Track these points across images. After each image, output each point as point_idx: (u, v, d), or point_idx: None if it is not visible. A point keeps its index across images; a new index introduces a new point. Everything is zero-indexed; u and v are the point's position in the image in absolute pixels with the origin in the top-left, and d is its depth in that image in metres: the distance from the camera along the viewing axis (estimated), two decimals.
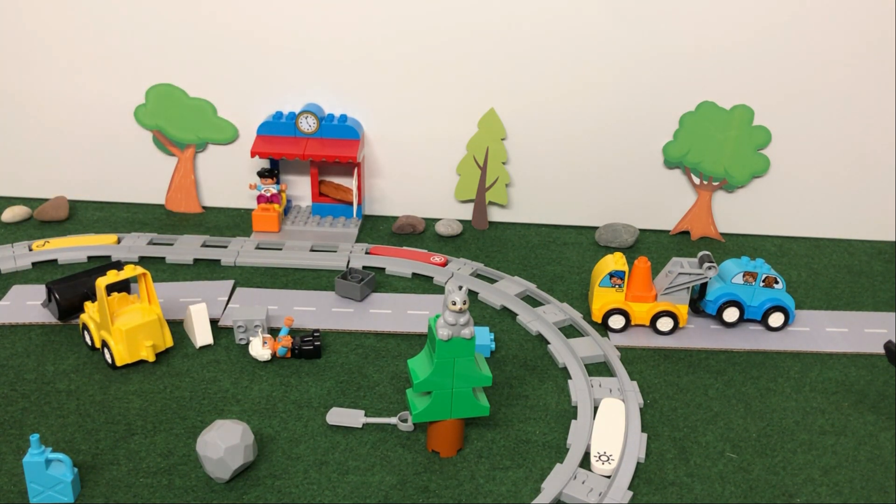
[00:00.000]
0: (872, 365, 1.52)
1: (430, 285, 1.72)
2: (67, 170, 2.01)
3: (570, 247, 1.92)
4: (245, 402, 1.35)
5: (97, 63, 1.90)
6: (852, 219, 2.00)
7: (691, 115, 1.90)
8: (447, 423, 1.23)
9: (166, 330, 1.45)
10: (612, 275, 1.56)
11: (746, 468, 1.26)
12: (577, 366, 1.46)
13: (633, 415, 1.34)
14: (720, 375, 1.48)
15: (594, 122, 1.92)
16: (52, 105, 1.95)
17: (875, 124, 1.90)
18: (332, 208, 1.98)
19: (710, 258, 1.57)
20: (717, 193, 1.98)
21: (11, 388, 1.36)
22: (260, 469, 1.22)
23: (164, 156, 1.99)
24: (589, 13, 1.81)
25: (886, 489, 1.23)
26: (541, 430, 1.32)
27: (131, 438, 1.26)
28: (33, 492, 1.13)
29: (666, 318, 1.56)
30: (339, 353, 1.49)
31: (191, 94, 1.93)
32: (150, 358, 1.42)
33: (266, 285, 1.69)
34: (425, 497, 1.18)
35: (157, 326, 1.43)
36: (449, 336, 1.15)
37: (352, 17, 1.84)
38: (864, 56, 1.83)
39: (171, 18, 1.85)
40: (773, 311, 1.59)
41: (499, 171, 1.96)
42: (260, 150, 1.86)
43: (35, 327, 1.52)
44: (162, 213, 2.00)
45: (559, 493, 1.18)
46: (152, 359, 1.42)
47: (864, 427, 1.36)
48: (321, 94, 1.93)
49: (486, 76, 1.89)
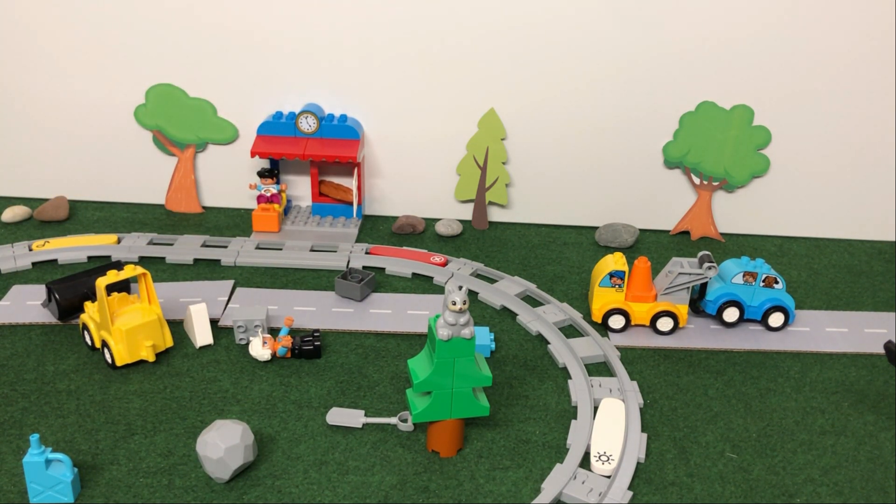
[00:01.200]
0: (872, 365, 1.52)
1: (430, 285, 1.72)
2: (67, 170, 2.01)
3: (570, 247, 1.92)
4: (245, 402, 1.35)
5: (97, 63, 1.90)
6: (852, 219, 2.00)
7: (691, 115, 1.90)
8: (447, 423, 1.23)
9: (166, 330, 1.45)
10: (612, 275, 1.56)
11: (746, 468, 1.26)
12: (577, 366, 1.46)
13: (633, 415, 1.34)
14: (720, 375, 1.48)
15: (594, 121, 1.92)
16: (53, 105, 1.95)
17: (875, 124, 1.90)
18: (332, 208, 1.98)
19: (710, 258, 1.57)
20: (717, 193, 1.98)
21: (11, 388, 1.36)
22: (260, 469, 1.22)
23: (164, 156, 1.99)
24: (589, 13, 1.81)
25: (886, 489, 1.23)
26: (541, 430, 1.32)
27: (131, 438, 1.26)
28: (33, 492, 1.13)
29: (666, 318, 1.56)
30: (339, 353, 1.49)
31: (191, 94, 1.93)
32: (150, 358, 1.42)
33: (266, 285, 1.69)
34: (425, 497, 1.18)
35: (157, 326, 1.43)
36: (449, 336, 1.15)
37: (352, 17, 1.84)
38: (864, 56, 1.83)
39: (171, 19, 1.85)
40: (773, 311, 1.59)
41: (499, 171, 1.96)
42: (260, 150, 1.86)
43: (35, 327, 1.52)
44: (162, 213, 2.00)
45: (559, 493, 1.18)
46: (152, 359, 1.42)
47: (864, 427, 1.36)
48: (321, 94, 1.93)
49: (486, 76, 1.89)
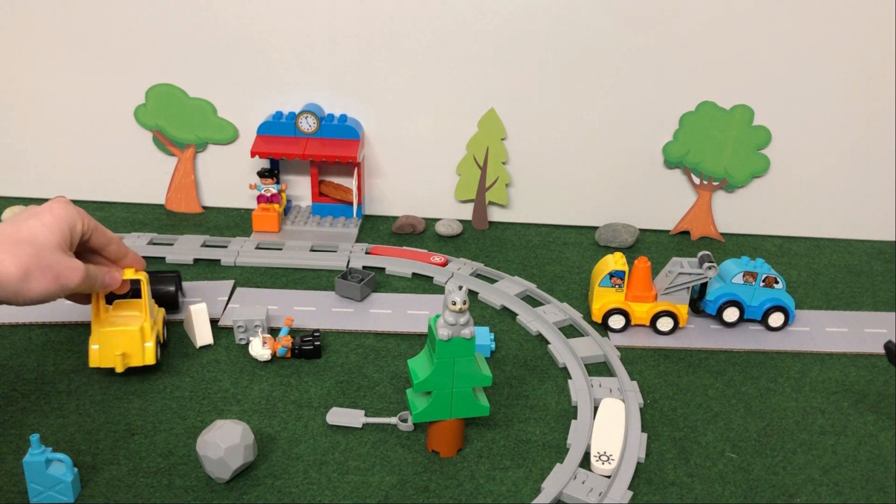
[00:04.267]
0: (872, 365, 1.52)
1: (430, 285, 1.72)
2: (67, 170, 2.01)
3: (570, 247, 1.92)
4: (245, 402, 1.35)
5: (97, 63, 1.90)
6: (852, 219, 2.00)
7: (691, 115, 1.90)
8: (447, 423, 1.23)
9: (150, 347, 1.35)
10: (612, 275, 1.56)
11: (746, 468, 1.26)
12: (577, 366, 1.46)
13: (633, 415, 1.34)
14: (720, 375, 1.48)
15: (594, 121, 1.92)
16: (52, 105, 1.95)
17: (875, 124, 1.90)
18: (332, 208, 1.98)
19: (710, 258, 1.57)
20: (717, 193, 1.98)
21: (11, 388, 1.36)
22: (260, 469, 1.22)
23: (164, 156, 2.00)
24: (589, 13, 1.81)
25: (886, 489, 1.23)
26: (541, 430, 1.32)
27: (131, 438, 1.26)
28: (33, 492, 1.13)
29: (666, 318, 1.56)
30: (339, 353, 1.49)
31: (191, 94, 1.93)
32: (117, 368, 1.33)
33: (266, 285, 1.69)
34: (425, 497, 1.18)
35: (134, 338, 1.33)
36: (449, 336, 1.15)
37: (352, 17, 1.84)
38: (865, 56, 1.83)
39: (171, 18, 1.85)
40: (773, 311, 1.59)
41: (499, 171, 1.96)
42: (260, 150, 1.86)
43: (35, 327, 1.52)
44: (162, 213, 2.00)
45: (559, 493, 1.18)
46: (119, 369, 1.33)
47: (864, 427, 1.36)
48: (321, 94, 1.93)
49: (486, 76, 1.89)
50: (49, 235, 1.16)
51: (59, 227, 1.18)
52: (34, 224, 1.17)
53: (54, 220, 1.18)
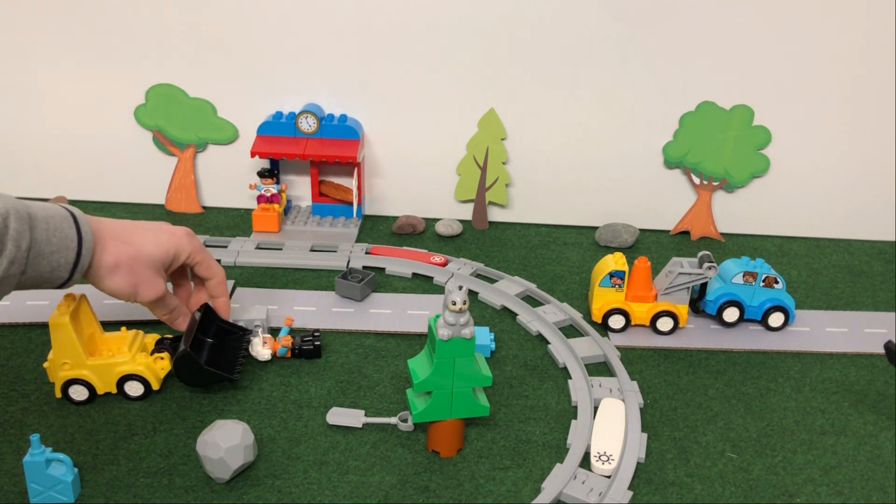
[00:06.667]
0: (872, 365, 1.52)
1: (430, 285, 1.72)
2: (67, 170, 2.01)
3: (570, 247, 1.92)
4: (245, 402, 1.35)
5: (97, 63, 1.90)
6: (852, 219, 2.00)
7: (691, 115, 1.90)
8: (447, 423, 1.23)
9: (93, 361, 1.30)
10: (612, 275, 1.56)
11: (746, 468, 1.26)
12: (577, 366, 1.46)
13: (633, 415, 1.34)
14: (720, 375, 1.48)
15: (594, 121, 1.92)
16: (52, 105, 1.95)
17: (875, 124, 1.90)
18: (332, 208, 1.98)
19: (710, 258, 1.57)
20: (717, 193, 1.98)
21: (11, 388, 1.36)
22: (260, 469, 1.22)
23: (164, 156, 2.00)
24: (589, 13, 1.81)
25: (886, 489, 1.23)
26: (541, 430, 1.32)
27: (131, 438, 1.26)
28: (33, 492, 1.13)
29: (666, 318, 1.56)
30: (339, 353, 1.49)
31: (191, 94, 1.93)
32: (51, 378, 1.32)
33: (266, 285, 1.69)
34: (425, 497, 1.18)
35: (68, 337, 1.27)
36: (449, 336, 1.15)
37: (352, 17, 1.84)
38: (864, 56, 1.83)
39: (171, 19, 1.85)
40: (773, 311, 1.59)
41: (499, 171, 1.96)
42: (260, 150, 1.86)
43: (35, 327, 1.52)
44: (162, 213, 2.00)
45: (559, 493, 1.18)
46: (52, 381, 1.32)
47: (864, 427, 1.36)
48: (321, 94, 1.93)
49: (486, 76, 1.89)
50: (154, 251, 1.30)
51: (166, 249, 1.31)
52: (150, 237, 1.30)
53: (168, 242, 1.32)
